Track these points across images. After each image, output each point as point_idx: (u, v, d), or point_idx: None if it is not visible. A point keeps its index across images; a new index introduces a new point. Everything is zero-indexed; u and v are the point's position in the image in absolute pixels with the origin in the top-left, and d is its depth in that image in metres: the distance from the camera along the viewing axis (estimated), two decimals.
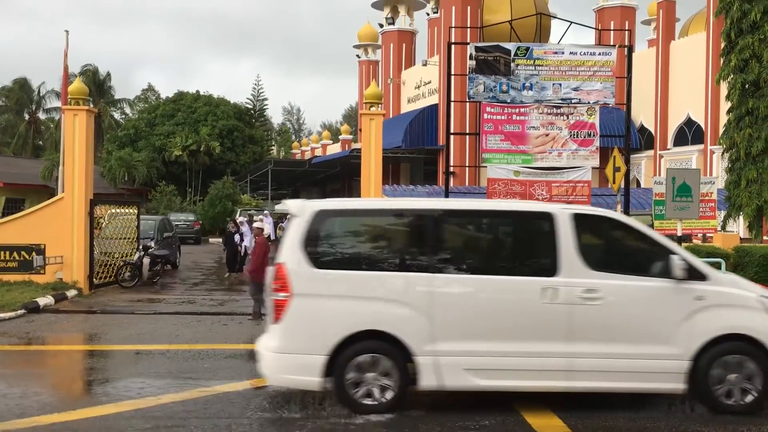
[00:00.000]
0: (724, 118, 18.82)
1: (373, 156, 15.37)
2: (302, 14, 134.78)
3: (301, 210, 6.90)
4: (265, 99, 66.83)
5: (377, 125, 15.45)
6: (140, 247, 18.06)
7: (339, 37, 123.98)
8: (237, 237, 20.02)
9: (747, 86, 17.52)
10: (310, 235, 6.84)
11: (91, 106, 19.92)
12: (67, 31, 19.67)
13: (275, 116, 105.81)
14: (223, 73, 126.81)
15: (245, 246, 20.19)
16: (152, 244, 19.10)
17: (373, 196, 15.23)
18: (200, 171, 50.70)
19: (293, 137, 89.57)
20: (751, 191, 17.16)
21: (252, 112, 63.64)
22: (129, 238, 18.23)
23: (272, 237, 25.75)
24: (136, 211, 18.69)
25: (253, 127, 59.70)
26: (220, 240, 22.26)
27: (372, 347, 6.63)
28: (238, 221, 21.07)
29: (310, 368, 6.58)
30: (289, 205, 7.05)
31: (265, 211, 27.13)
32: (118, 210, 18.34)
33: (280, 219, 31.55)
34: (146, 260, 17.57)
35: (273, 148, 73.94)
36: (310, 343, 6.63)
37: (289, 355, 6.68)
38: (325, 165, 41.73)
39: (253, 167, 48.18)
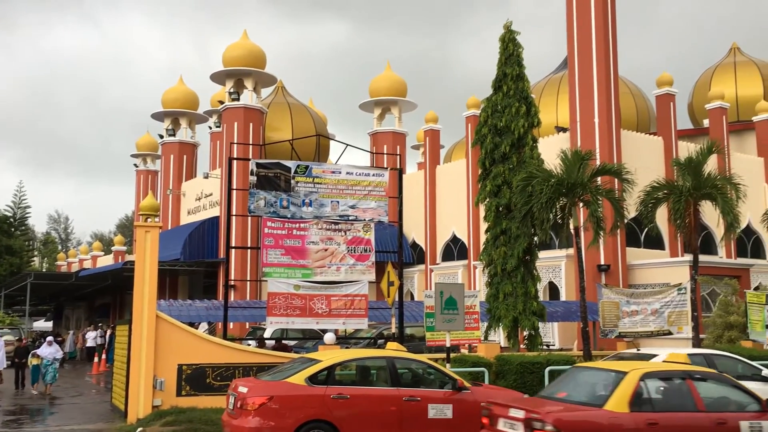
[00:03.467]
0: (483, 237, 20.71)
1: (148, 269, 14.67)
2: (70, 116, 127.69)
3: None
4: (28, 206, 61.72)
5: (153, 237, 14.87)
6: None
7: (114, 143, 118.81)
8: None
9: (501, 209, 19.56)
10: None
11: None
12: None
13: (39, 224, 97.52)
14: None
15: None
16: None
17: (147, 311, 14.41)
18: None
19: (60, 248, 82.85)
20: (508, 304, 18.82)
21: (11, 220, 58.18)
22: None
23: (1, 365, 21.58)
24: None
25: (12, 237, 54.42)
26: None
27: None
28: None
29: None
30: None
31: None
32: None
33: (39, 338, 28.22)
34: None
35: (35, 259, 67.74)
36: None
37: None
38: (95, 278, 38.84)
39: (10, 281, 43.49)
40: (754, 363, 12.97)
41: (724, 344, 19.41)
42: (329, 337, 15.69)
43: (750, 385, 10.73)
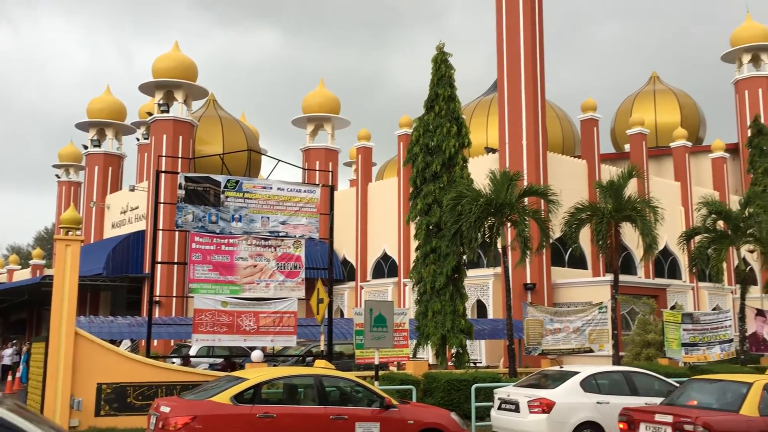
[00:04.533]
0: (413, 255, 20.87)
1: (68, 284, 14.14)
2: None
3: None
4: None
5: (74, 251, 14.35)
6: None
7: (29, 148, 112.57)
8: None
9: (431, 227, 19.78)
10: None
11: None
12: None
13: None
14: None
15: None
16: None
17: (65, 328, 13.87)
18: None
19: None
20: (436, 321, 18.99)
21: None
22: None
23: None
24: None
25: None
26: None
27: None
28: None
29: None
30: None
31: None
32: None
33: None
34: None
35: None
36: None
37: None
38: (10, 292, 37.18)
39: None
40: (669, 380, 13.50)
41: (642, 362, 20.09)
42: (257, 355, 15.47)
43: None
